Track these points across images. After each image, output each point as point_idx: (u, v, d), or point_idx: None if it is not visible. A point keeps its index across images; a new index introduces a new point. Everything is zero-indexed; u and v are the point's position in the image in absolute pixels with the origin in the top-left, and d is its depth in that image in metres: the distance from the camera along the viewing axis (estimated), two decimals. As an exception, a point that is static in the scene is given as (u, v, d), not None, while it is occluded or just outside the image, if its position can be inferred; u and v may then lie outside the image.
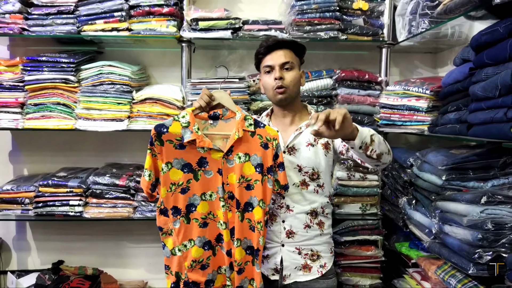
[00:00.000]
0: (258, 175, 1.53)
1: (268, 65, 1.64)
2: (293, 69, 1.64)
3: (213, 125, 1.55)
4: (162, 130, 1.46)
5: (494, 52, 1.47)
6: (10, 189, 2.32)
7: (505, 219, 1.44)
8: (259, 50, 1.67)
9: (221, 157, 1.51)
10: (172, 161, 1.48)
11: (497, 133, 1.42)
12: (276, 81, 1.60)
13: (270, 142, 1.54)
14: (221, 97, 1.54)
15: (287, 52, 1.64)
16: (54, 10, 2.26)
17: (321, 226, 1.69)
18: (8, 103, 2.29)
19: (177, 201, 1.51)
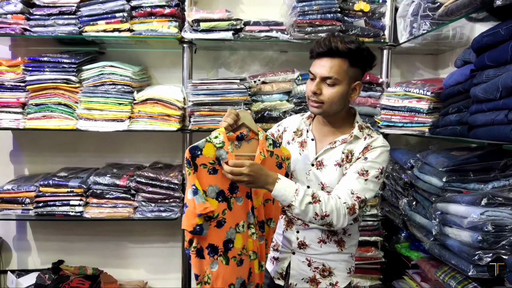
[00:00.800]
0: (269, 194, 1.38)
1: (312, 72, 1.46)
2: (337, 85, 1.42)
3: (238, 146, 1.42)
4: (196, 153, 1.28)
5: (495, 54, 1.47)
6: (11, 189, 2.33)
7: (505, 221, 1.44)
8: (312, 49, 1.47)
9: None
10: (207, 190, 1.29)
11: (498, 135, 1.42)
12: (311, 94, 1.45)
13: (284, 162, 1.47)
14: (244, 116, 1.43)
15: (337, 63, 1.41)
16: (56, 11, 2.26)
17: (340, 245, 1.55)
18: (9, 103, 2.30)
19: (213, 237, 1.30)
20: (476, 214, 1.47)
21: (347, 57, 1.41)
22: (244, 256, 1.38)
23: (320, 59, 1.44)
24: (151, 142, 2.65)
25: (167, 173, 2.35)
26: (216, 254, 1.31)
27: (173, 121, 2.28)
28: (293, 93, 2.36)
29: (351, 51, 1.40)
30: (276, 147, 1.46)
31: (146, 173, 2.32)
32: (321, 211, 1.33)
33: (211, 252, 1.30)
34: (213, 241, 1.30)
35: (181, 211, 2.36)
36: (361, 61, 1.44)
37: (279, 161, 1.46)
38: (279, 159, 1.46)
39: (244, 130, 1.42)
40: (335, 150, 1.50)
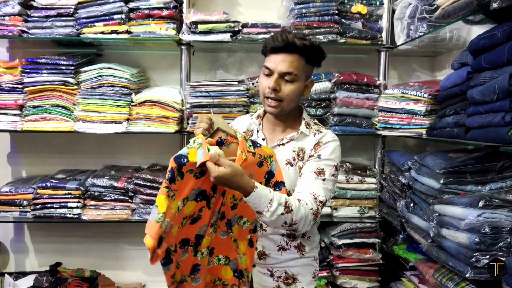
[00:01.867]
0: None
1: (268, 67, 1.40)
2: (295, 81, 1.40)
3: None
4: (183, 161, 1.22)
5: (492, 56, 1.48)
6: (9, 191, 2.32)
7: (502, 222, 1.45)
8: (266, 44, 1.42)
9: None
10: (189, 195, 1.25)
11: (495, 137, 1.42)
12: (269, 91, 1.39)
13: (266, 160, 1.39)
14: (217, 121, 1.36)
15: (296, 59, 1.38)
16: (53, 13, 2.26)
17: (301, 249, 1.50)
18: (7, 105, 2.29)
19: (187, 233, 1.29)
20: (473, 216, 1.47)
21: (303, 54, 1.39)
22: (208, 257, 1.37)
23: (277, 55, 1.38)
24: (149, 144, 2.65)
25: (165, 175, 2.34)
26: (187, 245, 1.30)
27: (171, 123, 2.28)
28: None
29: (307, 48, 1.38)
30: (256, 147, 1.40)
31: (144, 175, 2.32)
32: (290, 220, 1.27)
33: (183, 246, 1.28)
34: (186, 235, 1.29)
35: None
36: (314, 58, 1.44)
37: (260, 160, 1.38)
38: (261, 158, 1.38)
39: (222, 135, 1.36)
40: (284, 148, 1.47)
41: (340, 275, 2.34)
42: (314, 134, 1.48)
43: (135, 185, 2.31)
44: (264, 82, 1.42)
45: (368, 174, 2.38)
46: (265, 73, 1.42)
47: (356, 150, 2.68)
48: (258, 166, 1.38)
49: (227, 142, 1.36)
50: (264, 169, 1.39)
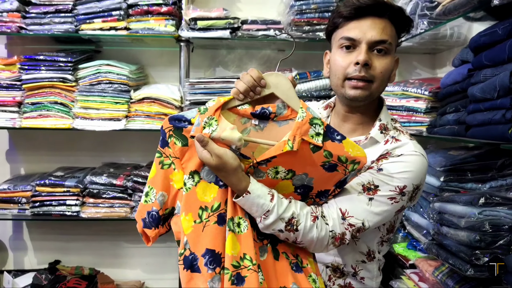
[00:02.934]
0: (296, 196, 1.00)
1: (350, 37, 1.04)
2: (388, 55, 1.07)
3: (259, 127, 0.97)
4: (181, 124, 0.92)
5: (493, 53, 1.47)
6: (7, 189, 2.31)
7: (502, 220, 1.44)
8: (341, 11, 1.06)
9: (248, 164, 0.94)
10: (200, 170, 0.93)
11: (496, 134, 1.42)
12: (359, 68, 1.03)
13: (344, 165, 0.95)
14: (277, 83, 0.95)
15: (387, 24, 1.04)
16: (52, 9, 2.24)
17: None
18: (5, 102, 2.28)
19: (213, 239, 0.89)
20: (473, 213, 1.46)
21: (393, 19, 1.06)
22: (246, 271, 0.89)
23: (361, 20, 1.03)
24: (148, 142, 2.63)
25: (164, 172, 2.34)
26: (218, 266, 0.87)
27: (170, 120, 2.26)
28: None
29: (399, 10, 1.06)
30: (331, 139, 0.94)
31: (143, 172, 2.31)
32: (294, 239, 0.98)
33: (211, 262, 0.87)
34: (212, 245, 0.88)
35: (178, 210, 2.35)
36: (402, 27, 1.11)
37: (331, 162, 0.94)
38: (331, 159, 0.93)
39: (273, 106, 0.95)
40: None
41: (339, 273, 2.34)
42: (386, 142, 1.10)
43: (134, 182, 2.30)
44: (344, 58, 1.06)
45: (368, 172, 2.37)
46: (344, 45, 1.07)
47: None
48: (326, 170, 0.95)
49: (280, 117, 0.95)
50: (338, 176, 0.97)
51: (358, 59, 1.03)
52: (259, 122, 0.97)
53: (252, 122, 0.97)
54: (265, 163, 0.93)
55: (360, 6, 1.02)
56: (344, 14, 1.05)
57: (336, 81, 1.11)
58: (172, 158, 0.93)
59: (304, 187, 0.98)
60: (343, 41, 1.07)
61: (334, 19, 1.10)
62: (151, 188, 0.93)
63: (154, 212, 0.92)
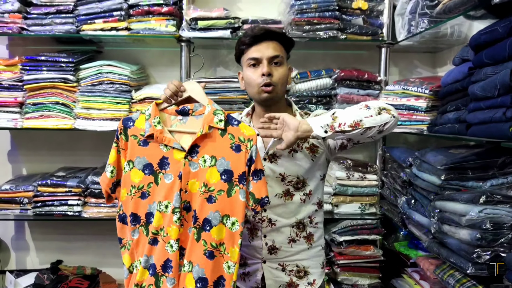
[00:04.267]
0: (223, 184, 1.25)
1: (254, 57, 1.41)
2: (283, 64, 1.44)
3: (183, 121, 1.33)
4: (128, 124, 1.30)
5: (493, 51, 1.47)
6: (9, 189, 2.32)
7: (503, 218, 1.44)
8: (243, 40, 1.44)
9: (183, 157, 1.26)
10: (134, 160, 1.29)
11: (496, 132, 1.42)
12: (264, 78, 1.39)
13: (244, 144, 1.27)
14: (192, 89, 1.31)
15: (276, 44, 1.43)
16: (53, 10, 2.25)
17: (309, 239, 1.50)
18: (7, 103, 2.29)
19: (137, 207, 1.28)
20: (474, 212, 1.47)
21: (280, 40, 1.45)
22: (160, 238, 1.26)
23: (258, 45, 1.42)
24: (149, 141, 2.64)
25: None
26: (138, 223, 1.29)
27: (171, 120, 2.27)
28: (291, 92, 2.35)
29: (283, 34, 1.47)
30: (231, 124, 1.29)
31: (144, 172, 2.31)
32: (359, 106, 1.34)
33: (133, 221, 1.29)
34: (135, 210, 1.28)
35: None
36: (288, 46, 1.49)
37: (235, 142, 1.27)
38: (234, 140, 1.27)
39: (190, 105, 1.33)
40: None
41: (341, 272, 2.34)
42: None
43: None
44: (254, 73, 1.43)
45: (369, 171, 2.37)
46: (251, 64, 1.43)
47: (357, 147, 2.67)
48: (234, 151, 1.27)
49: (196, 112, 1.32)
50: (243, 155, 1.27)
51: (263, 71, 1.39)
52: (182, 118, 1.33)
53: (177, 118, 1.33)
54: (195, 155, 1.27)
55: (256, 35, 1.41)
56: (246, 42, 1.43)
57: (253, 90, 1.45)
58: (121, 149, 1.31)
59: (227, 172, 1.26)
60: (250, 61, 1.43)
61: (239, 46, 1.46)
62: (114, 167, 1.31)
63: (115, 182, 1.33)
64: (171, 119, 1.33)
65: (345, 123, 1.29)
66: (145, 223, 1.28)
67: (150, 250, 1.27)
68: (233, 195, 1.26)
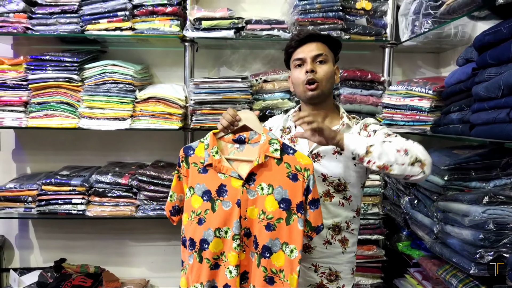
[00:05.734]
0: (282, 212, 1.28)
1: (299, 58, 1.47)
2: (327, 62, 1.47)
3: (240, 149, 1.35)
4: (189, 152, 1.36)
5: (497, 52, 1.47)
6: (13, 187, 2.33)
7: (507, 219, 1.45)
8: (289, 44, 1.51)
9: (240, 185, 1.29)
10: (194, 187, 1.34)
11: (500, 133, 1.42)
12: (307, 75, 1.43)
13: (301, 173, 1.29)
14: (246, 118, 1.35)
15: (320, 45, 1.48)
16: (57, 10, 2.27)
17: (344, 243, 1.49)
18: (11, 102, 2.30)
19: (194, 232, 1.32)
20: (477, 212, 1.47)
21: (324, 41, 1.50)
22: (221, 262, 1.30)
23: (303, 47, 1.47)
24: (152, 141, 2.65)
25: (169, 171, 2.36)
26: (193, 248, 1.31)
27: (174, 120, 2.28)
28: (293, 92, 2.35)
29: (328, 36, 1.52)
30: (287, 153, 1.31)
31: (148, 171, 2.32)
32: (399, 147, 1.27)
33: (190, 246, 1.32)
34: (193, 235, 1.32)
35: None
36: (335, 46, 1.53)
37: (291, 172, 1.29)
38: (291, 169, 1.29)
39: (247, 133, 1.35)
40: None
41: (343, 271, 2.34)
42: (355, 124, 1.52)
43: (139, 181, 2.32)
44: (299, 73, 1.47)
45: (372, 171, 2.37)
46: (297, 65, 1.49)
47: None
48: (291, 180, 1.29)
49: (252, 141, 1.34)
50: (300, 184, 1.29)
51: (307, 69, 1.45)
52: (239, 146, 1.36)
53: (235, 146, 1.37)
54: (252, 182, 1.30)
55: (301, 38, 1.48)
56: (292, 45, 1.50)
57: (299, 89, 1.49)
58: (182, 175, 1.38)
59: (284, 200, 1.29)
60: (295, 61, 1.49)
61: (287, 50, 1.53)
62: (173, 193, 1.40)
63: (176, 206, 1.41)
64: (228, 147, 1.37)
65: (375, 163, 1.27)
66: (199, 249, 1.31)
67: (212, 274, 1.31)
68: (292, 223, 1.28)
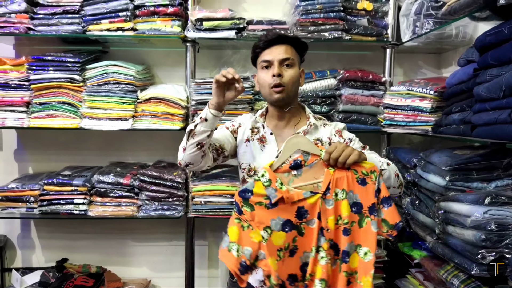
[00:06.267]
0: (354, 215, 1.29)
1: (266, 60, 1.49)
2: (294, 66, 1.50)
3: (298, 175, 1.34)
4: (247, 195, 1.29)
5: (499, 53, 1.47)
6: (15, 188, 2.34)
7: (508, 220, 1.44)
8: (257, 44, 1.52)
9: (319, 198, 1.28)
10: (270, 225, 1.27)
11: (501, 134, 1.42)
12: (274, 78, 1.46)
13: (368, 176, 1.30)
14: (298, 142, 1.34)
15: (288, 48, 1.50)
16: (59, 10, 2.27)
17: None
18: (13, 102, 2.31)
19: (290, 267, 1.27)
20: (479, 213, 1.47)
21: (292, 44, 1.52)
22: (308, 282, 1.27)
23: (270, 48, 1.50)
24: (154, 141, 2.66)
25: (171, 172, 2.36)
26: (297, 281, 1.28)
27: (176, 120, 2.28)
28: (296, 92, 2.35)
29: (295, 38, 1.54)
30: None
31: (149, 171, 2.32)
32: (394, 170, 1.43)
33: (292, 283, 1.28)
34: (291, 270, 1.27)
35: (184, 209, 2.36)
36: (301, 49, 1.56)
37: (359, 177, 1.30)
38: (358, 174, 1.30)
39: (301, 156, 1.33)
40: None
41: (344, 272, 2.34)
42: (324, 126, 1.59)
43: (141, 181, 2.32)
44: (265, 75, 1.50)
45: (373, 171, 2.37)
46: (264, 66, 1.51)
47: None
48: (361, 184, 1.30)
49: (308, 161, 1.33)
50: (371, 188, 1.30)
51: (273, 72, 1.47)
52: (296, 171, 1.34)
53: (292, 173, 1.34)
54: (328, 192, 1.29)
55: (269, 39, 1.49)
56: (260, 45, 1.51)
57: (265, 91, 1.52)
58: (248, 221, 1.28)
59: (356, 204, 1.29)
60: (262, 63, 1.51)
61: (254, 50, 1.54)
62: (238, 246, 1.26)
63: (243, 262, 1.25)
64: (285, 176, 1.34)
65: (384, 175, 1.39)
66: (302, 277, 1.28)
67: None
68: (365, 226, 1.29)
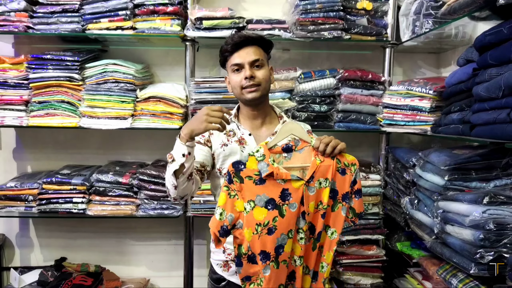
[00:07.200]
0: (329, 200, 1.41)
1: (237, 63, 1.53)
2: (264, 66, 1.55)
3: (288, 158, 1.44)
4: (240, 167, 1.37)
5: (498, 52, 1.47)
6: (14, 186, 2.34)
7: (507, 219, 1.45)
8: (225, 48, 1.55)
9: (302, 185, 1.38)
10: (254, 199, 1.36)
11: (500, 133, 1.42)
12: (247, 80, 1.51)
13: (348, 168, 1.43)
14: (292, 128, 1.45)
15: (256, 49, 1.55)
16: (59, 9, 2.27)
17: None
18: (12, 101, 2.30)
19: (265, 244, 1.34)
20: (478, 212, 1.47)
21: (259, 44, 1.56)
22: (289, 259, 1.38)
23: (239, 51, 1.53)
24: (153, 140, 2.65)
25: (170, 171, 2.36)
26: (268, 259, 1.35)
27: (175, 119, 2.28)
28: (295, 91, 2.36)
29: (261, 38, 1.58)
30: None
31: (148, 170, 2.32)
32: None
33: (264, 259, 1.34)
34: (265, 247, 1.34)
35: (183, 209, 2.37)
36: (267, 47, 1.61)
37: (341, 167, 1.42)
38: (340, 164, 1.42)
39: (292, 141, 1.44)
40: None
41: (343, 271, 2.35)
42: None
43: (140, 180, 2.32)
44: (237, 77, 1.54)
45: (372, 171, 2.38)
46: (235, 70, 1.55)
47: (360, 147, 2.68)
48: (340, 174, 1.42)
49: (298, 147, 1.43)
50: (348, 178, 1.43)
51: (246, 75, 1.51)
52: (287, 154, 1.43)
53: (282, 155, 1.43)
54: (311, 180, 1.38)
55: (236, 42, 1.53)
56: (228, 49, 1.54)
57: (237, 91, 1.56)
58: (236, 191, 1.36)
59: (332, 191, 1.41)
60: (233, 67, 1.54)
61: (223, 54, 1.57)
62: (223, 210, 1.35)
63: (225, 226, 1.35)
64: (277, 156, 1.43)
65: None
66: (275, 257, 1.35)
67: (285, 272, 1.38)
68: (336, 210, 1.42)
